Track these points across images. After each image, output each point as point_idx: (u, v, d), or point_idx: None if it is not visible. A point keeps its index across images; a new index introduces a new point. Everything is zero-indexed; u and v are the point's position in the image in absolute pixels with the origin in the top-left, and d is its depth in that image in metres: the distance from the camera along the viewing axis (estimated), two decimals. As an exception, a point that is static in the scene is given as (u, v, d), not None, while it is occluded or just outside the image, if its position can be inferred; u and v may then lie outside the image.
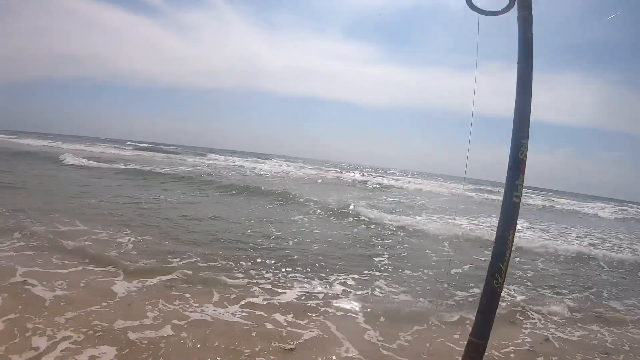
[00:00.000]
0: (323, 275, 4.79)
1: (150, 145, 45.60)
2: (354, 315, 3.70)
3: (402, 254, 6.43)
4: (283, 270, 4.82)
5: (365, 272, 5.14)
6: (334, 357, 2.90)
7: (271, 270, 4.74)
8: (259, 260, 5.13)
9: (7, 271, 3.84)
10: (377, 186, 22.12)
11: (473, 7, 1.39)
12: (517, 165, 1.21)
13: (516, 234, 1.29)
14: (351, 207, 10.18)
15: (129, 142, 50.73)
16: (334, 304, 3.89)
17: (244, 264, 4.91)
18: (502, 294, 1.37)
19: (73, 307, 3.24)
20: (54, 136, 51.02)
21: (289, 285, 4.32)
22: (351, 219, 9.24)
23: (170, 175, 15.28)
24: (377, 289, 4.50)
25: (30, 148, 22.60)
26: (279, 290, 4.11)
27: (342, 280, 4.66)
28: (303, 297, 4.00)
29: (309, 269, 4.98)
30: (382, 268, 5.45)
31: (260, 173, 22.72)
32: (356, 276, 4.86)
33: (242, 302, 3.70)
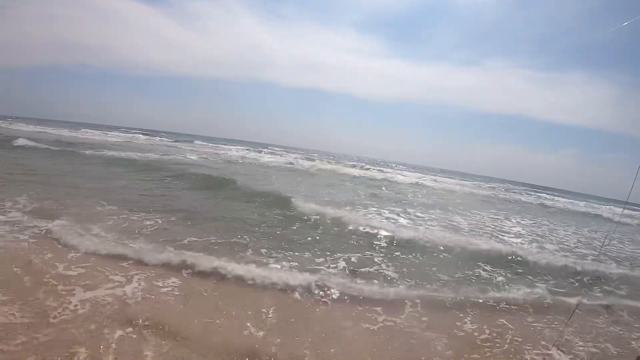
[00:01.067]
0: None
1: (145, 132, 45.39)
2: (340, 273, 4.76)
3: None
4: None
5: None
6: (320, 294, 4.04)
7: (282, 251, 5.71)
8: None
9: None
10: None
11: None
12: None
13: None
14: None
15: (122, 129, 50.19)
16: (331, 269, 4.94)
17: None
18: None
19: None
20: (53, 122, 49.80)
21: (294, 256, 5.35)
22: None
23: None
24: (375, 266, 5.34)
25: (8, 132, 22.23)
26: (285, 263, 5.05)
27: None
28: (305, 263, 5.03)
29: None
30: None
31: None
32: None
33: (256, 264, 4.72)
